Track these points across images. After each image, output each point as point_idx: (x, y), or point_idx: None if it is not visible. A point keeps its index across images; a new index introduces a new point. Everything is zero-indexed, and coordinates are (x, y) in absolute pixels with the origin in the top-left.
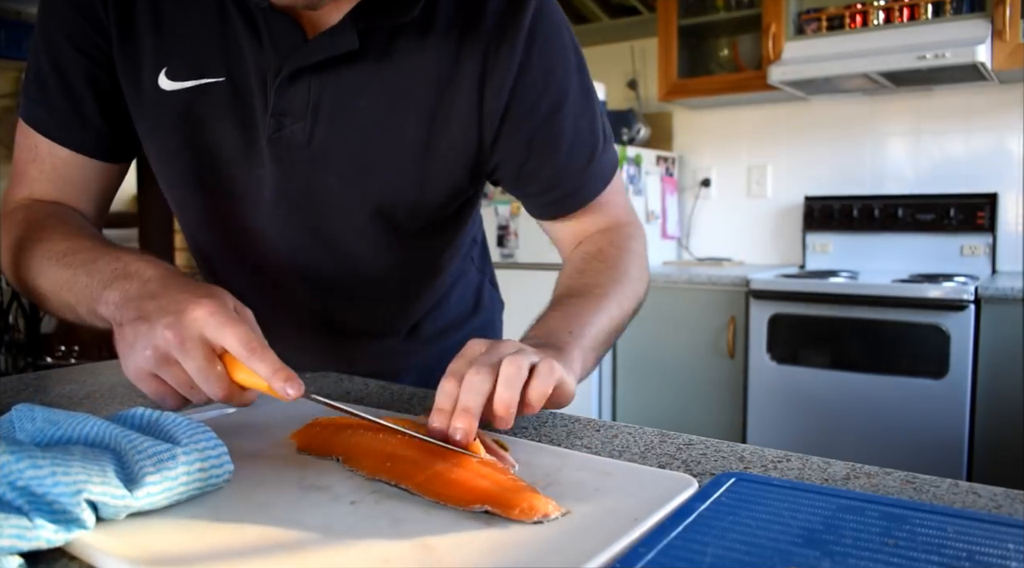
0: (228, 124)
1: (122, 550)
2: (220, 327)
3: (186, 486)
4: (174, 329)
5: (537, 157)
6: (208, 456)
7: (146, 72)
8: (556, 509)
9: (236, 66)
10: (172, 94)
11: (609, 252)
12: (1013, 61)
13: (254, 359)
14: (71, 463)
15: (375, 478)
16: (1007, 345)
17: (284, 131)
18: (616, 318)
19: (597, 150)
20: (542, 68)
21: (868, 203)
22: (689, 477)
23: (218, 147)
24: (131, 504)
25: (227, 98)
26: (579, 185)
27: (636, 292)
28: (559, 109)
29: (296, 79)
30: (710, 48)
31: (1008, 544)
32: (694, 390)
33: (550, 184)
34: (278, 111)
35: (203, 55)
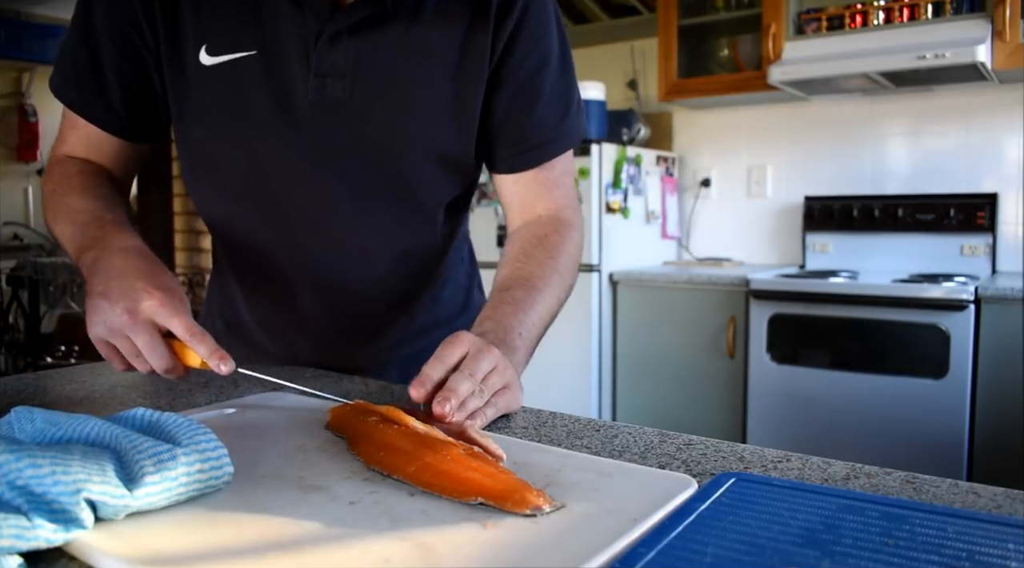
0: (264, 94)
1: (121, 550)
2: (168, 316)
3: (186, 487)
4: (130, 313)
5: (517, 110)
6: (208, 457)
7: (189, 54)
8: (548, 502)
9: (271, 39)
10: (212, 68)
11: (553, 240)
12: (1013, 61)
13: (195, 341)
14: (71, 462)
15: (372, 468)
16: (1007, 345)
17: (327, 91)
18: (554, 312)
19: (570, 111)
20: (533, 32)
21: (868, 203)
22: (688, 477)
23: (256, 117)
24: (130, 504)
25: (260, 70)
26: (549, 139)
27: (570, 284)
28: (541, 70)
29: (336, 41)
30: (710, 48)
31: (1008, 544)
32: (694, 390)
33: (523, 135)
34: (321, 72)
35: (238, 31)
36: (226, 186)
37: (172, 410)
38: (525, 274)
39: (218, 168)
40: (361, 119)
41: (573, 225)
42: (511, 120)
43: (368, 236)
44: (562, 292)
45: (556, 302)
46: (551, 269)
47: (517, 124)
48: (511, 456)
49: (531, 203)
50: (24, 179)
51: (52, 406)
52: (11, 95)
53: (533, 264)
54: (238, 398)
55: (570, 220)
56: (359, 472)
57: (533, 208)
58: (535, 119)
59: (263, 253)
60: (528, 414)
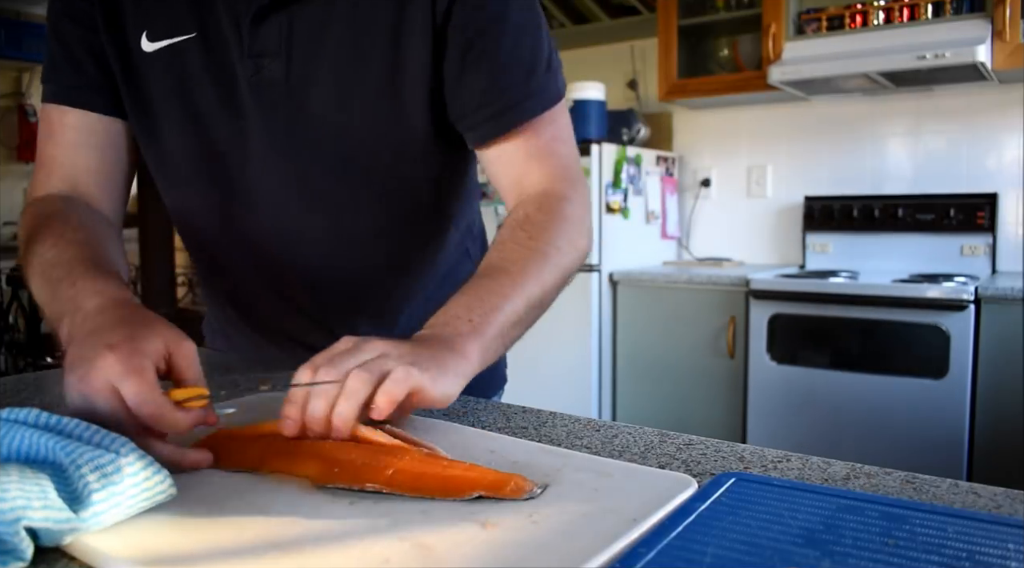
0: (205, 79)
1: (122, 550)
2: (120, 377)
3: (134, 499)
4: (85, 382)
5: (473, 68)
6: (148, 463)
7: (131, 39)
8: (534, 484)
9: (208, 19)
10: (153, 55)
11: (536, 219)
12: (1013, 61)
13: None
14: (7, 487)
15: (325, 485)
16: (1007, 345)
17: (263, 72)
18: (535, 296)
19: (539, 70)
20: None
21: (868, 203)
22: (688, 477)
23: (199, 104)
24: (77, 527)
25: (201, 53)
26: (514, 101)
27: (561, 264)
28: (497, 22)
29: (265, 18)
30: (710, 48)
31: (1008, 544)
32: (694, 390)
33: (484, 98)
34: (254, 52)
35: (176, 13)
36: (186, 178)
37: None
38: (495, 261)
39: (174, 159)
40: (300, 99)
41: (564, 197)
42: (466, 84)
43: (341, 221)
44: (548, 274)
45: (537, 284)
46: (530, 250)
47: (473, 87)
48: (510, 456)
49: (519, 180)
50: (24, 179)
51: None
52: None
53: (507, 249)
54: (238, 398)
55: (560, 192)
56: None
57: (522, 185)
58: (493, 79)
59: (230, 243)
60: (528, 414)
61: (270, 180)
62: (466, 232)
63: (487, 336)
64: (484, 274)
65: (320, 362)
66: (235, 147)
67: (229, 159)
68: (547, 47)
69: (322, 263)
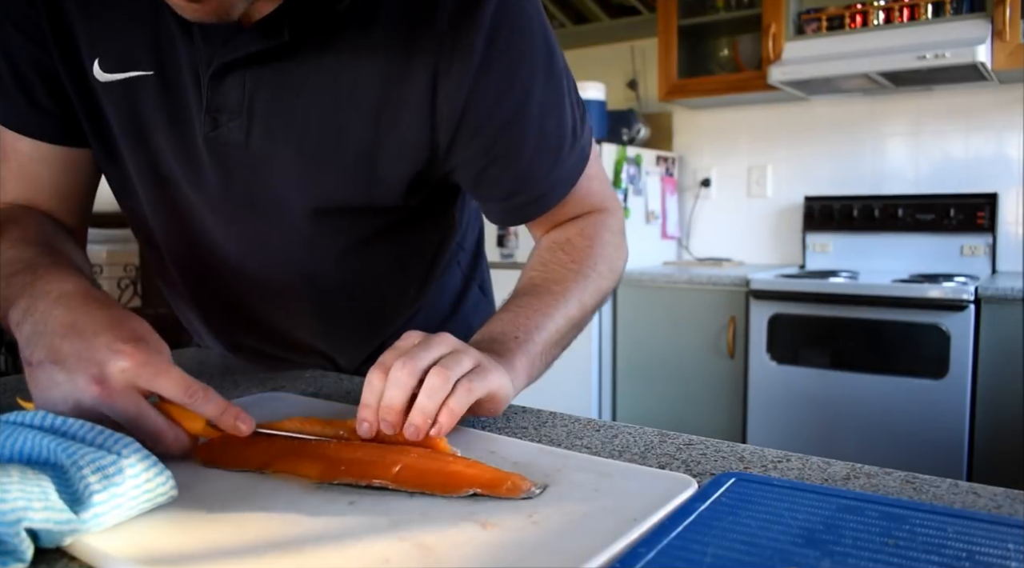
0: (163, 121)
1: (121, 550)
2: (153, 378)
3: (135, 500)
4: (101, 384)
5: (497, 164)
6: (151, 464)
7: (86, 62)
8: (533, 484)
9: (167, 60)
10: (107, 86)
11: (577, 243)
12: (1013, 61)
13: (198, 403)
14: (8, 488)
15: (331, 482)
16: (1007, 345)
17: (220, 129)
18: (575, 317)
19: (564, 150)
20: (504, 68)
21: (868, 203)
22: (688, 477)
23: (157, 144)
24: (78, 528)
25: (158, 93)
26: (544, 190)
27: (601, 288)
28: (522, 112)
29: (228, 74)
30: (710, 48)
31: (1008, 544)
32: (694, 390)
33: (511, 190)
34: (212, 108)
35: (132, 47)
36: (146, 204)
37: None
38: (538, 280)
39: (133, 184)
40: (261, 165)
41: (604, 223)
42: (494, 177)
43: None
44: (589, 296)
45: (578, 306)
46: (572, 272)
47: (500, 181)
48: (511, 456)
49: (551, 219)
50: None
51: None
52: None
53: (549, 269)
54: (238, 398)
55: (600, 220)
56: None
57: (555, 220)
58: (521, 174)
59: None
60: (528, 414)
61: (229, 234)
62: (456, 250)
63: (532, 354)
64: (527, 292)
65: (390, 360)
66: (192, 193)
67: (186, 202)
68: (570, 114)
69: (296, 306)
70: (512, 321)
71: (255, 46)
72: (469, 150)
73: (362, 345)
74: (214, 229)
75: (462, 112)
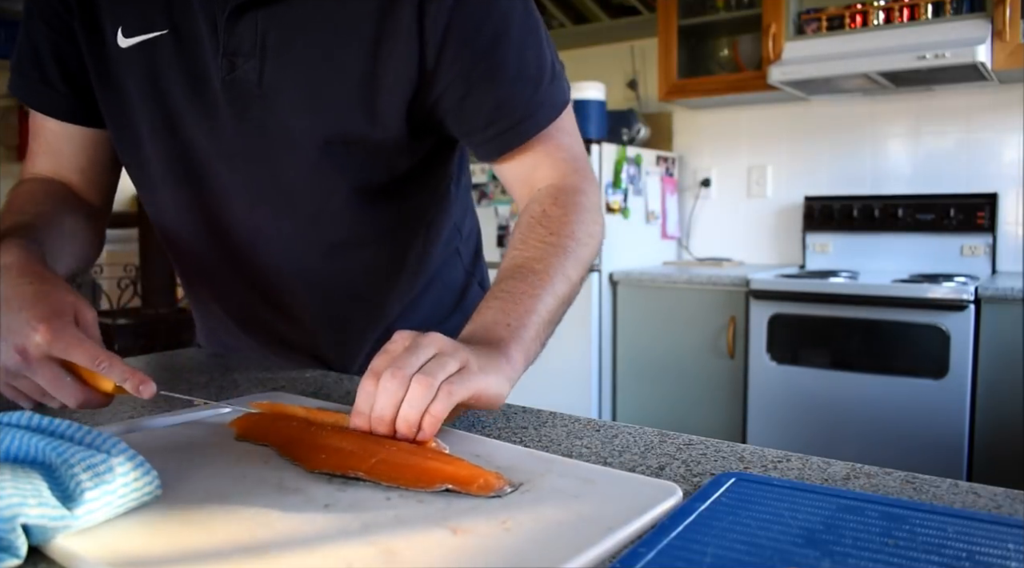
0: (178, 76)
1: (89, 551)
2: (66, 349)
3: (123, 498)
4: (23, 354)
5: (478, 88)
6: (138, 464)
7: (108, 35)
8: (507, 482)
9: (181, 17)
10: (129, 51)
11: (553, 213)
12: (1013, 61)
13: (105, 370)
14: (2, 485)
15: (316, 471)
16: (1007, 345)
17: (237, 72)
18: (562, 293)
19: (544, 81)
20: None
21: (868, 203)
22: (673, 485)
23: (173, 100)
24: (71, 524)
25: (173, 50)
26: (523, 116)
27: (581, 256)
28: (500, 39)
29: (241, 16)
30: (710, 48)
31: (1008, 544)
32: (694, 390)
33: (492, 116)
34: (229, 51)
35: (148, 9)
36: (162, 180)
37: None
38: (520, 261)
39: (150, 162)
40: (272, 101)
41: (577, 189)
42: (474, 102)
43: (316, 222)
44: (572, 268)
45: (564, 281)
46: (552, 246)
47: (481, 106)
48: (495, 460)
49: (529, 176)
50: None
51: None
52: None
53: (530, 247)
54: (237, 398)
55: (573, 184)
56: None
57: (532, 181)
58: (501, 98)
59: (207, 246)
60: (528, 414)
61: (242, 181)
62: (453, 233)
63: (526, 339)
64: (511, 275)
65: (381, 367)
66: (206, 146)
67: (201, 159)
68: (549, 55)
69: (302, 266)
70: (501, 308)
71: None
72: (452, 73)
73: (365, 331)
74: (227, 181)
75: (443, 34)
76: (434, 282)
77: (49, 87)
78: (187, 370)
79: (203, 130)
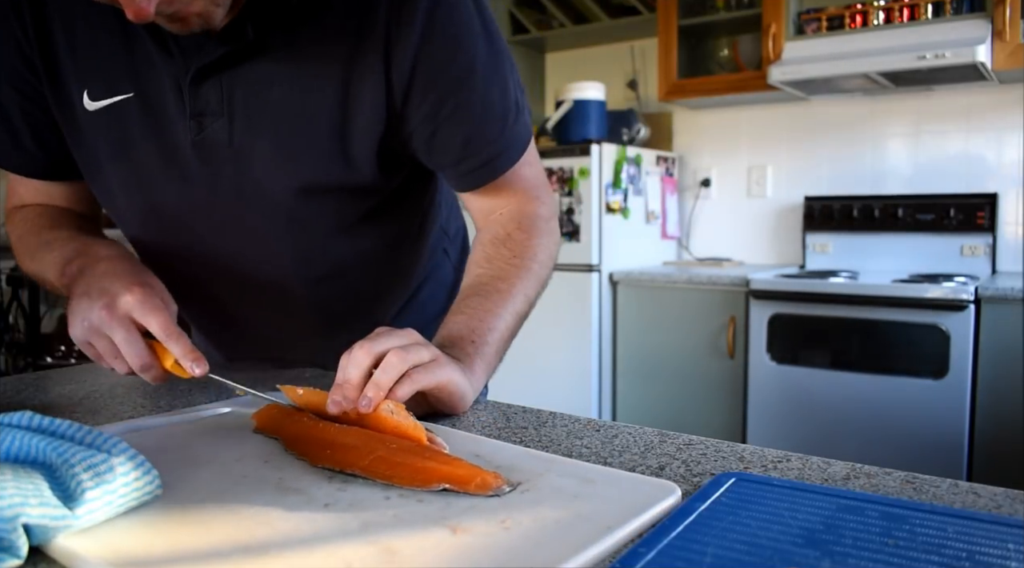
0: (147, 137)
1: (89, 550)
2: (146, 313)
3: (124, 498)
4: (108, 309)
5: (446, 128)
6: (139, 463)
7: (75, 96)
8: (505, 482)
9: (145, 80)
10: (96, 114)
11: (517, 237)
12: (1013, 61)
13: (171, 341)
14: (4, 485)
15: (319, 466)
16: (1007, 345)
17: (206, 132)
18: (521, 312)
19: (509, 119)
20: (445, 36)
21: (868, 203)
22: (672, 485)
23: (143, 160)
24: (72, 524)
25: (140, 112)
26: (492, 155)
27: (541, 277)
28: (467, 79)
29: (205, 78)
30: (710, 48)
31: (1008, 544)
32: (694, 390)
33: (461, 155)
34: (196, 112)
35: (113, 73)
36: (142, 229)
37: (172, 409)
38: (485, 279)
39: (123, 211)
40: (244, 160)
41: (539, 215)
42: (442, 141)
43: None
44: (532, 288)
45: (524, 300)
46: (515, 268)
47: (450, 146)
48: (495, 460)
49: (492, 206)
50: None
51: (52, 406)
52: None
53: (495, 267)
54: (236, 398)
55: (533, 210)
56: (339, 475)
57: (495, 208)
58: (469, 138)
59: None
60: (528, 414)
61: (218, 232)
62: (440, 237)
63: (488, 355)
64: (475, 292)
65: (357, 346)
66: (179, 203)
67: (174, 213)
68: (513, 90)
69: (291, 292)
70: (467, 324)
71: (224, 49)
72: (420, 113)
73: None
74: (204, 232)
75: (410, 76)
76: (425, 284)
77: (22, 151)
78: None
79: (175, 188)
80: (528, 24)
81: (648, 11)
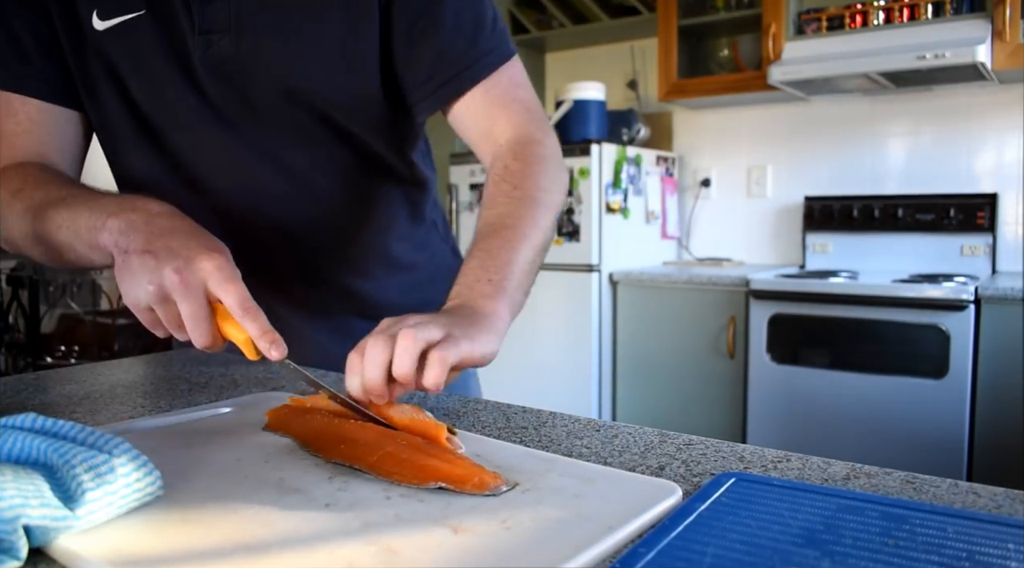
0: (158, 54)
1: (91, 550)
2: (223, 282)
3: (125, 498)
4: (181, 274)
5: (419, 42)
6: (140, 463)
7: (83, 18)
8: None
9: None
10: (105, 33)
11: (514, 168)
12: (1013, 61)
13: (247, 318)
14: (4, 486)
15: (332, 461)
16: (1007, 345)
17: (213, 48)
18: (537, 242)
19: (483, 34)
20: None
21: (868, 203)
22: (673, 485)
23: (155, 80)
24: (73, 524)
25: (151, 30)
26: (462, 67)
27: (550, 203)
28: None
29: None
30: (710, 48)
31: (1008, 544)
32: (694, 390)
33: (432, 69)
34: (204, 28)
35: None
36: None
37: (172, 410)
38: (491, 219)
39: (133, 138)
40: (252, 72)
41: (535, 140)
42: (415, 57)
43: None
44: (542, 216)
45: (535, 229)
46: (518, 200)
47: (422, 60)
48: (496, 459)
49: (488, 132)
50: None
51: (52, 406)
52: None
53: (498, 204)
54: (237, 398)
55: (530, 136)
56: (339, 474)
57: (493, 136)
58: (439, 50)
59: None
60: (528, 414)
61: (228, 148)
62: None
63: (509, 290)
64: (486, 234)
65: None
66: (192, 119)
67: (187, 131)
68: (490, 12)
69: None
70: (481, 265)
71: None
72: (396, 26)
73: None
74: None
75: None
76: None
77: (34, 71)
78: (187, 370)
79: (188, 105)
80: (528, 24)
81: (648, 11)
